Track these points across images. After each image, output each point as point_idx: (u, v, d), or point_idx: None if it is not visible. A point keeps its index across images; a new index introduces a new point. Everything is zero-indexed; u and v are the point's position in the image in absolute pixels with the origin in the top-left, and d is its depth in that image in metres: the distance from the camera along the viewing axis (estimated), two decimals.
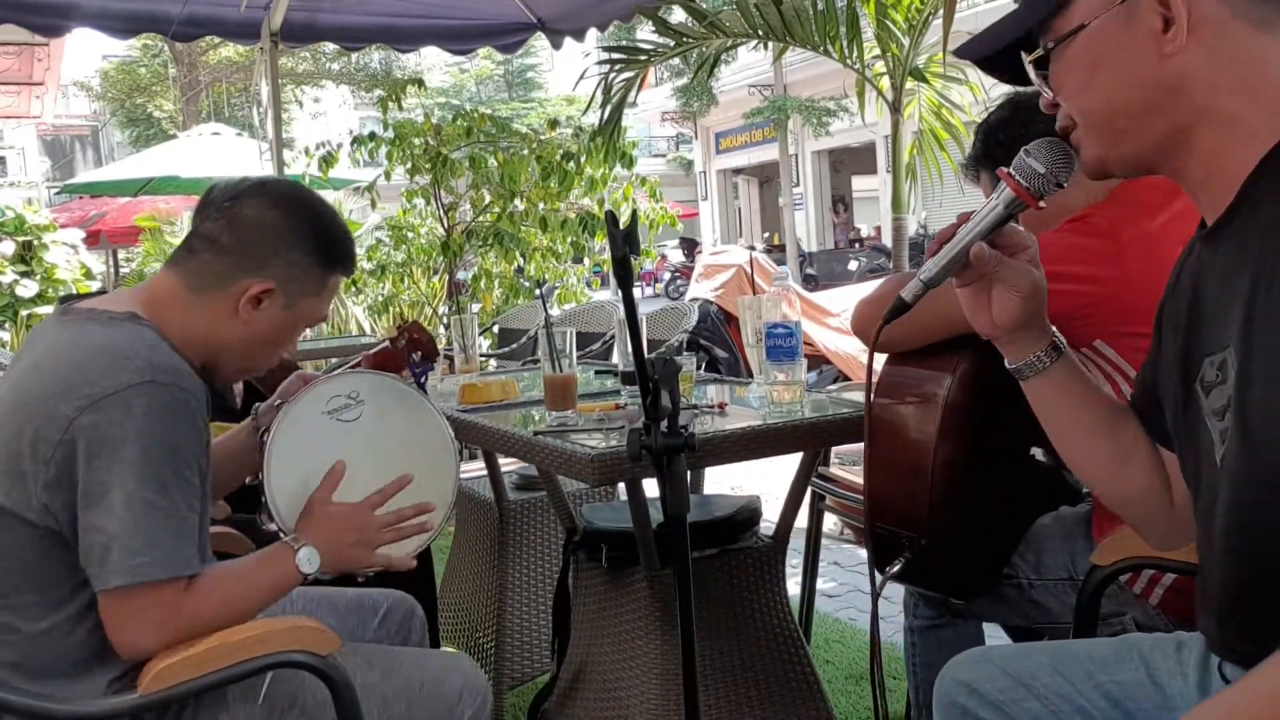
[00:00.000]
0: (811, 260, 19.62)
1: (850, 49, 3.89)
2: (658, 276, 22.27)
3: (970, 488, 1.58)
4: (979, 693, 1.28)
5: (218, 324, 1.43)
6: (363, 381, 1.58)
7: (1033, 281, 1.15)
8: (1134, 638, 1.30)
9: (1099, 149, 1.03)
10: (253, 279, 1.42)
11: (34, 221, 8.17)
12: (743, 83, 21.09)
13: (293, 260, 1.45)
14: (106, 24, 4.33)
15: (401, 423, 1.59)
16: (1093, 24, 0.99)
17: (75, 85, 24.01)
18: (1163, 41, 0.95)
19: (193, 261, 1.44)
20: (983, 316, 1.17)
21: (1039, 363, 1.19)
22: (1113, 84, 0.99)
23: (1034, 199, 1.09)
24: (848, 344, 6.89)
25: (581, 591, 2.16)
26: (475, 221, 5.59)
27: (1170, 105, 0.97)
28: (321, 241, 1.48)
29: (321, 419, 1.53)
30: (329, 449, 1.53)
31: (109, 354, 1.29)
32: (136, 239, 10.83)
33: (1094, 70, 1.00)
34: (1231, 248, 0.96)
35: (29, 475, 1.27)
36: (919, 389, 1.58)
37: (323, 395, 1.54)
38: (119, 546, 1.24)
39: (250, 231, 1.43)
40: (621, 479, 1.70)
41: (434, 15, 4.93)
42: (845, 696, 2.69)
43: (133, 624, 1.27)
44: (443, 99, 24.69)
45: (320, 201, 1.54)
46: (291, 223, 1.45)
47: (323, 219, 1.50)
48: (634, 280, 1.27)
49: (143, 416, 1.25)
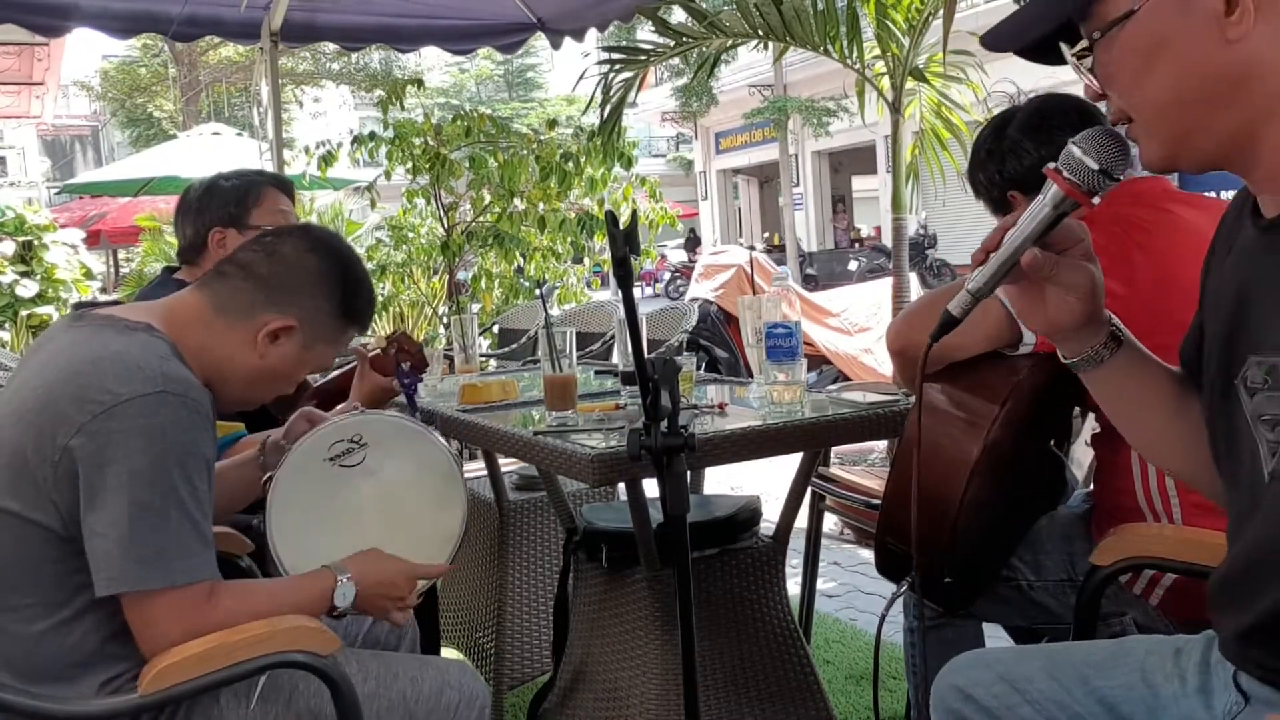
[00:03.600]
0: (811, 260, 19.64)
1: (850, 49, 3.89)
2: (658, 276, 22.27)
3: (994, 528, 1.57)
4: (974, 699, 1.27)
5: (233, 350, 1.45)
6: (366, 424, 1.59)
7: (1091, 279, 1.05)
8: (1130, 641, 1.29)
9: (1164, 147, 0.94)
10: (276, 314, 1.45)
11: (34, 221, 8.17)
12: (743, 83, 21.09)
13: (318, 305, 1.49)
14: (106, 24, 4.32)
15: (405, 464, 1.61)
16: (1143, 8, 0.89)
17: (75, 85, 24.02)
18: (1226, 25, 0.86)
19: (223, 286, 1.47)
20: (1037, 315, 1.08)
21: (1098, 355, 1.10)
22: (1171, 76, 0.89)
23: (1087, 197, 0.99)
24: (848, 344, 6.90)
25: (581, 592, 2.16)
26: (475, 222, 5.59)
27: (1239, 97, 0.87)
28: (349, 294, 1.53)
29: (324, 466, 1.55)
30: (332, 497, 1.55)
31: (123, 362, 1.30)
32: (136, 239, 10.84)
33: (1149, 61, 0.90)
34: None
35: (37, 476, 1.27)
36: (962, 418, 1.52)
37: (325, 441, 1.56)
38: (125, 553, 1.24)
39: (286, 268, 1.48)
40: (621, 479, 1.70)
41: (434, 15, 4.92)
42: (845, 696, 2.69)
43: (154, 627, 1.28)
44: (443, 99, 24.70)
45: (356, 258, 1.59)
46: (326, 269, 1.50)
47: (355, 274, 1.56)
48: (634, 280, 1.27)
49: (153, 426, 1.26)
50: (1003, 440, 1.49)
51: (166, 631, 1.28)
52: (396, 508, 1.58)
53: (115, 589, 1.26)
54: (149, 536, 1.25)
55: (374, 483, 1.57)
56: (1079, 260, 1.05)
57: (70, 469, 1.26)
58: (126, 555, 1.25)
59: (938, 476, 1.51)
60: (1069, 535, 1.69)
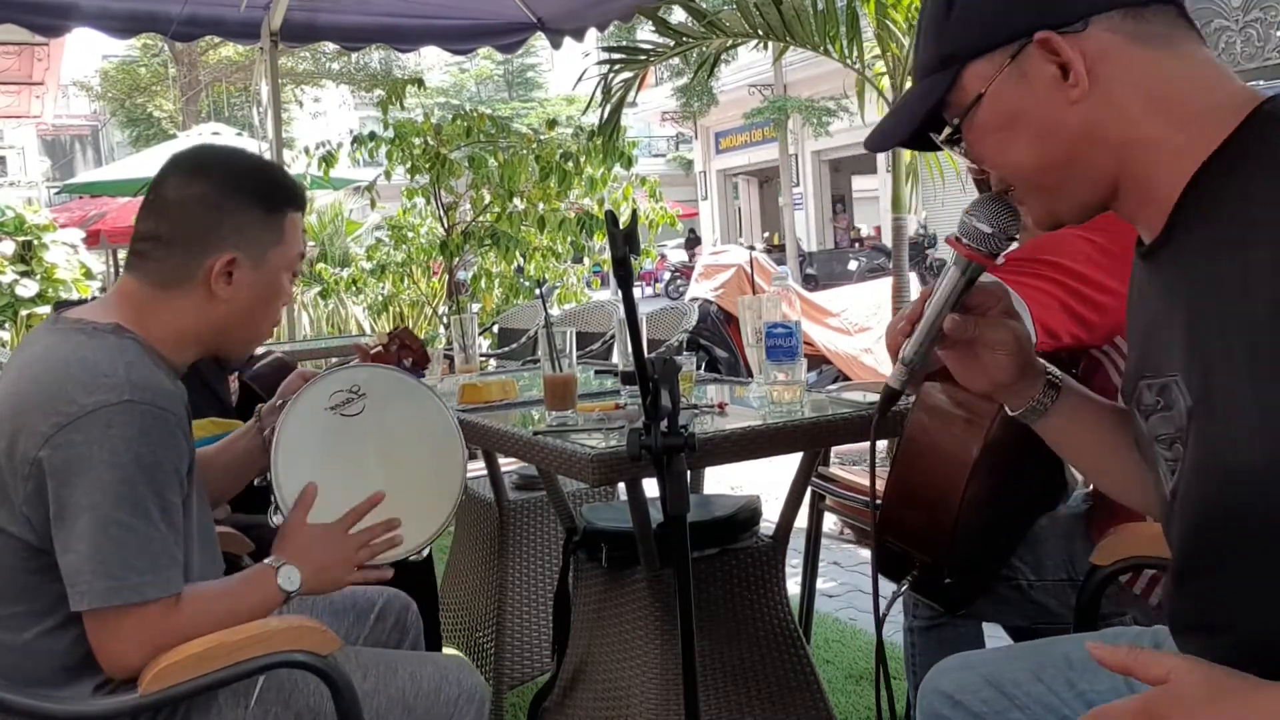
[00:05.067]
0: (811, 260, 19.63)
1: (850, 49, 3.88)
2: (658, 276, 22.28)
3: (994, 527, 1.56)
4: (962, 704, 1.27)
5: (202, 312, 1.40)
6: (363, 375, 1.58)
7: (1015, 335, 1.12)
8: (1112, 634, 1.29)
9: (1043, 205, 1.02)
10: (211, 256, 1.39)
11: (34, 221, 8.17)
12: (743, 83, 21.09)
13: (237, 223, 1.40)
14: (106, 24, 4.33)
15: (404, 413, 1.59)
16: (990, 89, 0.96)
17: (75, 85, 24.00)
18: (1066, 89, 0.93)
19: (148, 263, 1.40)
20: (975, 376, 1.15)
21: (1040, 405, 1.16)
22: (1029, 143, 0.97)
23: (990, 258, 1.07)
24: (848, 344, 6.90)
25: (581, 591, 2.16)
26: (475, 221, 5.59)
27: (1093, 149, 0.94)
28: (255, 188, 1.43)
29: (325, 415, 1.54)
30: (334, 444, 1.53)
31: (88, 369, 1.27)
32: None
33: (1007, 134, 0.98)
34: (1169, 270, 0.94)
35: (10, 489, 1.26)
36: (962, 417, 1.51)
37: (325, 390, 1.54)
38: (94, 569, 1.22)
39: (184, 213, 1.39)
40: (621, 479, 1.70)
41: (434, 15, 4.93)
42: (845, 696, 2.69)
43: (117, 643, 1.26)
44: (443, 99, 24.70)
45: (233, 151, 1.48)
46: (213, 186, 1.40)
47: (247, 167, 1.46)
48: (634, 280, 1.27)
49: (119, 437, 1.23)
50: (1003, 439, 1.49)
51: (126, 649, 1.26)
52: (396, 456, 1.56)
53: (80, 605, 1.23)
54: (115, 553, 1.23)
55: (376, 430, 1.55)
56: (1000, 319, 1.12)
57: (40, 482, 1.24)
58: (94, 572, 1.22)
59: (938, 476, 1.51)
60: (1069, 535, 1.69)
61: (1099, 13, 0.92)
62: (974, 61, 0.97)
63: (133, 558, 1.24)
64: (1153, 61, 0.92)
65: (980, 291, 1.11)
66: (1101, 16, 0.92)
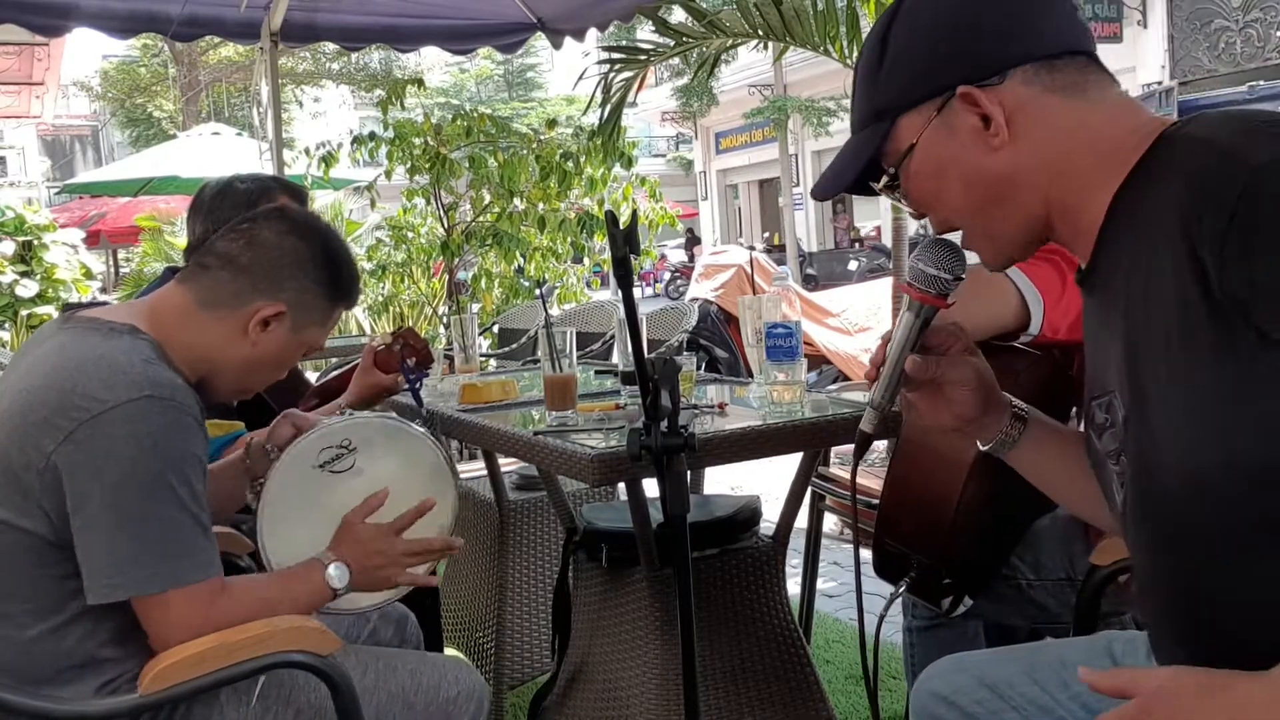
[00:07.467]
0: (811, 260, 19.62)
1: (850, 49, 3.88)
2: (658, 276, 22.28)
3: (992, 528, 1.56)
4: (956, 705, 1.28)
5: (224, 342, 1.44)
6: (352, 429, 1.59)
7: (976, 372, 1.16)
8: (1105, 636, 1.30)
9: (987, 245, 1.07)
10: (265, 301, 1.44)
11: (34, 221, 8.18)
12: (743, 83, 21.08)
13: (305, 287, 1.48)
14: (106, 24, 4.33)
15: (394, 464, 1.60)
16: (920, 139, 1.03)
17: (75, 85, 23.98)
18: (988, 138, 0.99)
19: (206, 279, 1.45)
20: (943, 414, 1.18)
21: (1009, 438, 1.20)
22: (959, 188, 1.03)
23: (941, 299, 1.11)
24: (848, 344, 6.90)
25: (581, 591, 2.16)
26: (475, 221, 5.60)
27: (1019, 190, 1.00)
28: (333, 273, 1.52)
29: (313, 473, 1.55)
30: (322, 504, 1.54)
31: (107, 367, 1.29)
32: (136, 239, 10.84)
33: (939, 180, 1.04)
34: (1101, 293, 1.00)
35: (24, 483, 1.27)
36: None
37: (313, 448, 1.56)
38: (134, 559, 1.25)
39: (268, 254, 1.46)
40: (621, 479, 1.70)
41: (434, 15, 4.92)
42: (845, 696, 2.69)
43: (168, 627, 1.28)
44: (443, 99, 24.68)
45: (335, 234, 1.58)
46: (308, 251, 1.49)
47: (336, 251, 1.54)
48: (634, 280, 1.27)
49: (143, 431, 1.26)
50: None
51: (175, 630, 1.28)
52: (389, 506, 1.56)
53: (116, 595, 1.26)
54: (150, 542, 1.25)
55: (363, 484, 1.57)
56: (960, 356, 1.16)
57: (57, 477, 1.25)
58: (127, 561, 1.24)
59: (936, 477, 1.51)
60: (1069, 535, 1.69)
61: (1015, 66, 0.99)
62: (905, 114, 1.04)
63: (167, 544, 1.26)
64: (1067, 107, 0.99)
65: (939, 331, 1.15)
66: (1018, 70, 0.99)
